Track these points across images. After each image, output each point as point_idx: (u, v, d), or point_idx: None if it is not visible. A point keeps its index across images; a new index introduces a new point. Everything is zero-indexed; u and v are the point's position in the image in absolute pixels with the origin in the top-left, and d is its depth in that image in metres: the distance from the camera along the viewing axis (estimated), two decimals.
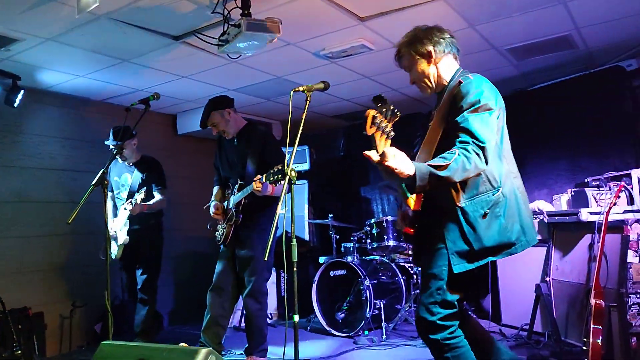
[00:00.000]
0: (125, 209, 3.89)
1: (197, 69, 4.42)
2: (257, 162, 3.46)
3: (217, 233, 3.57)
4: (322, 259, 4.72)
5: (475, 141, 1.93)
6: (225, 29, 3.07)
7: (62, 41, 3.66)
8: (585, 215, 3.23)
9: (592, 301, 2.61)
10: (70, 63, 4.13)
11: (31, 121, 4.65)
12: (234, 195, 3.46)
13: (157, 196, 4.16)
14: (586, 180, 3.54)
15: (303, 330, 4.62)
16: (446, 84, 2.22)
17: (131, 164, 4.23)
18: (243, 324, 4.92)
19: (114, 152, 4.05)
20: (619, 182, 3.26)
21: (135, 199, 3.68)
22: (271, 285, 5.17)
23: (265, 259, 2.23)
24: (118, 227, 3.97)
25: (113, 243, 4.03)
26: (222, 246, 3.58)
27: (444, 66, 2.23)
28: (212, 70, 4.49)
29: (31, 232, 4.51)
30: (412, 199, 2.20)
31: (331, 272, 4.46)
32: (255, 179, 3.14)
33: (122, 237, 3.96)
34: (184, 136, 5.95)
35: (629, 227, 2.90)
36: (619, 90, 4.26)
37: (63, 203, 4.64)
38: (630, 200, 3.20)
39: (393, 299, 4.26)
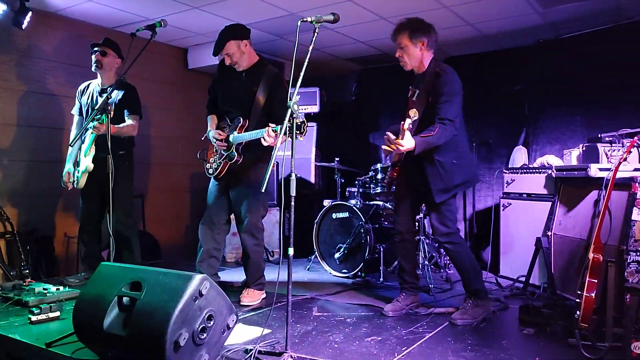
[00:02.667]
0: (89, 129, 3.59)
1: (209, 0, 4.28)
2: (265, 104, 3.34)
3: (208, 165, 3.49)
4: (326, 202, 4.72)
5: (449, 119, 2.89)
6: None
7: None
8: (594, 170, 3.16)
9: (591, 255, 2.60)
10: None
11: (40, 45, 4.59)
12: (235, 132, 3.34)
13: (128, 121, 3.87)
14: (599, 136, 3.45)
15: (302, 269, 4.71)
16: (424, 69, 3.09)
17: (108, 86, 3.84)
18: None
19: (94, 57, 3.85)
20: (632, 139, 3.17)
21: (102, 118, 3.17)
22: (275, 225, 5.24)
23: (263, 190, 2.21)
24: (82, 152, 3.74)
25: (75, 170, 3.82)
26: (212, 179, 3.53)
27: (426, 56, 3.09)
28: (223, 2, 4.34)
29: (38, 157, 4.55)
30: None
31: (333, 214, 4.48)
32: (268, 128, 2.99)
33: (86, 163, 3.69)
34: (195, 71, 5.86)
35: (637, 184, 2.83)
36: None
37: (69, 130, 4.65)
38: None
39: (393, 245, 4.29)
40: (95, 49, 3.94)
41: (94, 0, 4.30)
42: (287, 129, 2.35)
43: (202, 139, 3.62)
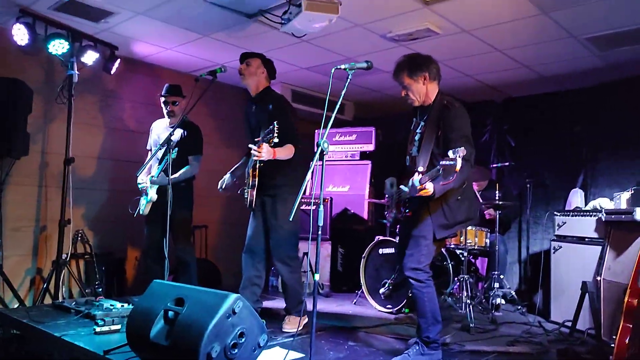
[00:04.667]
0: (152, 176, 4.06)
1: (270, 46, 4.68)
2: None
3: (244, 198, 3.69)
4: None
5: (466, 158, 2.61)
6: (287, 9, 3.28)
7: (151, 15, 4.09)
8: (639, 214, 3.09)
9: (625, 299, 2.54)
10: (158, 36, 4.57)
11: (125, 88, 5.20)
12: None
13: (192, 163, 4.23)
14: None
15: (349, 302, 4.82)
16: (431, 102, 3.05)
17: (173, 125, 4.19)
18: None
19: (166, 105, 4.22)
20: None
21: (162, 168, 3.65)
22: (326, 259, 5.42)
23: (290, 219, 2.41)
24: (149, 182, 4.09)
25: (142, 199, 4.16)
26: (252, 211, 3.73)
27: (431, 88, 3.05)
28: (284, 48, 4.74)
29: (119, 187, 5.09)
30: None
31: (380, 249, 4.59)
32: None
33: (151, 194, 4.07)
34: None
35: None
36: None
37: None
38: None
39: (439, 283, 4.31)
40: (164, 99, 4.29)
41: (172, 49, 4.86)
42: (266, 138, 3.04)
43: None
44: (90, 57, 4.48)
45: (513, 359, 3.04)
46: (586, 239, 3.96)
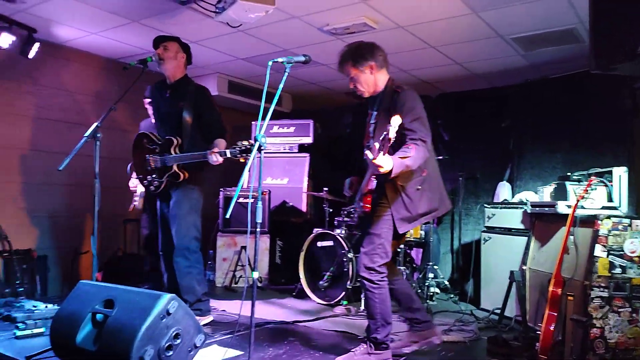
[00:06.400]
0: None
1: (205, 35, 4.53)
2: (194, 119, 3.47)
3: (147, 182, 3.56)
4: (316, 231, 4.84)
5: (422, 139, 2.63)
6: None
7: None
8: (562, 207, 3.27)
9: (550, 289, 2.69)
10: (82, 20, 4.28)
11: (45, 73, 4.84)
12: (172, 153, 3.43)
13: None
14: (568, 174, 3.57)
15: (289, 295, 4.81)
16: (381, 89, 2.90)
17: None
18: (234, 285, 5.13)
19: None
20: (602, 179, 3.29)
21: None
22: (264, 252, 5.36)
23: (228, 216, 2.35)
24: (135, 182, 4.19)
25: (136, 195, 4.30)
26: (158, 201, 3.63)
27: (379, 77, 2.89)
28: (219, 37, 4.59)
29: (39, 180, 4.75)
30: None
31: (318, 242, 4.60)
32: (214, 151, 3.17)
33: (139, 189, 4.22)
34: None
35: (599, 222, 2.93)
36: (619, 88, 4.22)
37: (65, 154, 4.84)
38: (609, 197, 3.23)
39: None
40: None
41: (97, 33, 4.57)
42: (239, 154, 2.90)
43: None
44: (5, 40, 4.15)
45: (447, 348, 3.14)
46: (513, 230, 4.16)
